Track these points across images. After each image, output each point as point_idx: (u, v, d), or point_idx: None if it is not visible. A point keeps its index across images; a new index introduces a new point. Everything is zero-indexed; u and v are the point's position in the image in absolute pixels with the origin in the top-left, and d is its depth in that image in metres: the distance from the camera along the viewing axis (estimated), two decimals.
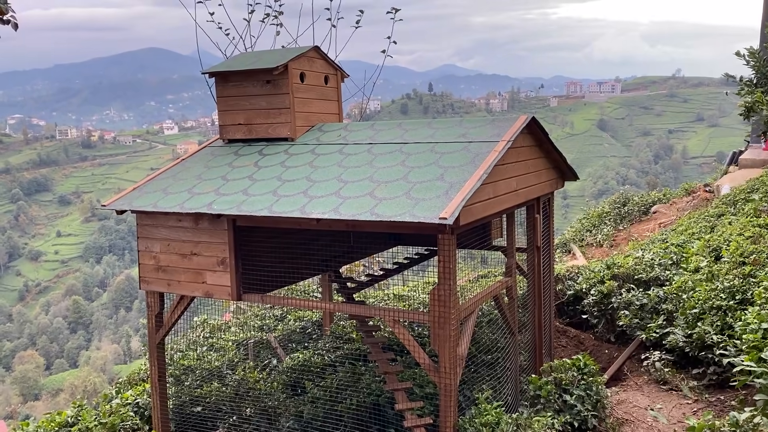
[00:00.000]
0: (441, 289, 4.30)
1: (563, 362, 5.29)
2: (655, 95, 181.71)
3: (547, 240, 6.33)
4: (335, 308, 5.22)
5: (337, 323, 7.59)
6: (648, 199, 16.02)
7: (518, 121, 5.06)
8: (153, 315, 5.60)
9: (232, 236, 4.98)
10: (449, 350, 4.32)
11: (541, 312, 6.20)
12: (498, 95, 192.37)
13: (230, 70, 5.74)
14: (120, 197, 5.42)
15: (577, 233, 15.11)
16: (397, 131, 5.43)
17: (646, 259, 7.59)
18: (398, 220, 4.08)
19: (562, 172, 6.27)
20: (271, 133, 5.71)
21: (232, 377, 6.46)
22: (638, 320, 6.59)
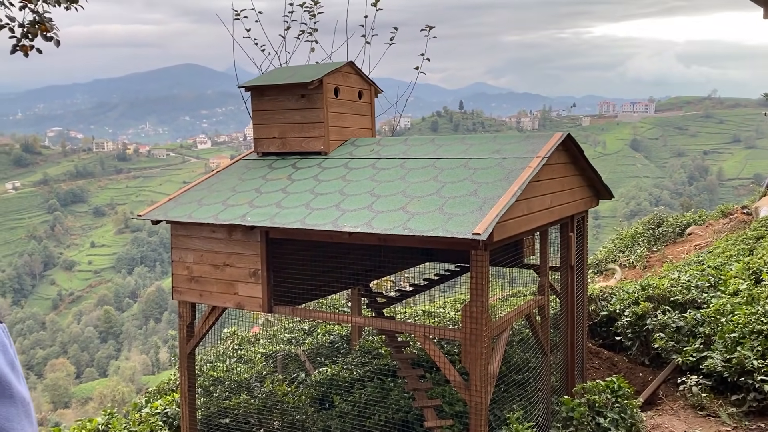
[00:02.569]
0: (473, 305, 4.25)
1: (597, 384, 5.17)
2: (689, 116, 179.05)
3: (581, 259, 6.23)
4: (365, 322, 5.20)
5: (366, 338, 7.56)
6: (683, 220, 15.73)
7: (553, 137, 5.01)
8: (184, 325, 5.64)
9: (265, 248, 5.00)
10: (480, 368, 4.26)
11: (573, 332, 6.09)
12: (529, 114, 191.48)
13: (266, 84, 5.81)
14: (155, 208, 5.50)
15: (609, 254, 14.88)
16: (431, 147, 5.42)
17: (682, 281, 7.42)
18: (431, 234, 4.06)
19: (597, 190, 6.18)
20: (305, 146, 5.75)
21: (260, 389, 6.47)
22: (674, 343, 6.43)
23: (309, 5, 9.28)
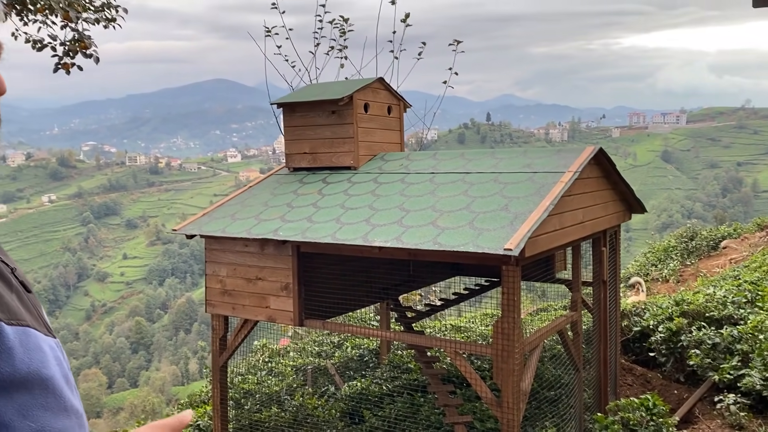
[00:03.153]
0: (504, 321, 4.23)
1: (631, 401, 5.09)
2: (722, 126, 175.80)
3: (614, 274, 6.15)
4: (396, 337, 5.20)
5: (395, 352, 7.55)
6: (717, 233, 15.43)
7: (585, 151, 4.98)
8: (217, 338, 5.71)
9: (296, 262, 5.05)
10: (513, 385, 4.23)
11: (606, 348, 6.01)
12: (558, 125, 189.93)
13: (297, 101, 5.89)
14: (190, 222, 5.60)
15: (641, 267, 14.65)
16: (460, 161, 5.43)
17: (717, 296, 7.27)
18: (461, 250, 4.06)
19: (630, 204, 6.11)
20: (335, 161, 5.80)
21: (290, 403, 6.50)
22: (710, 360, 6.30)
23: (338, 22, 9.40)
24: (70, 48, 7.33)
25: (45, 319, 1.31)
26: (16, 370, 1.13)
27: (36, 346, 1.20)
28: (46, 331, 1.26)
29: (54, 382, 1.22)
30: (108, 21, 7.72)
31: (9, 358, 1.13)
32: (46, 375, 1.20)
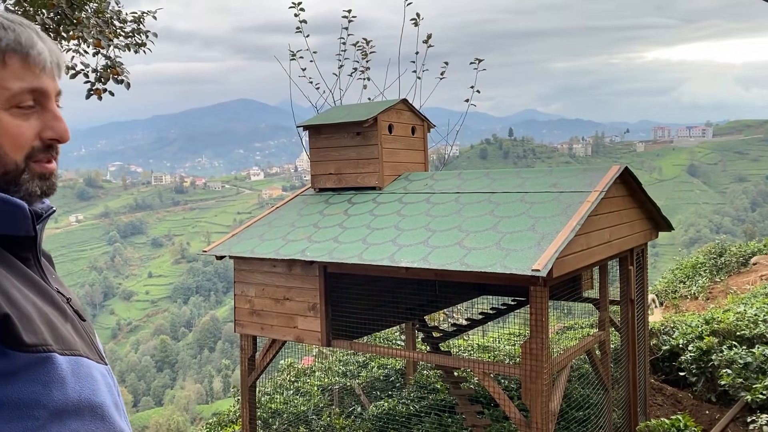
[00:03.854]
0: (533, 342, 4.23)
1: (662, 422, 5.03)
2: (750, 139, 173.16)
3: (641, 293, 6.10)
4: (424, 358, 5.21)
5: (421, 372, 7.54)
6: (747, 249, 15.18)
7: (611, 170, 4.98)
8: (246, 358, 5.77)
9: (323, 282, 5.11)
10: (541, 405, 4.21)
11: (635, 368, 5.94)
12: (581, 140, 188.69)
13: (322, 123, 5.98)
14: (220, 243, 5.69)
15: (669, 284, 14.46)
16: (485, 180, 5.45)
17: (749, 315, 7.16)
18: (489, 271, 4.07)
19: (656, 222, 6.08)
20: (360, 182, 5.87)
21: (318, 423, 6.52)
22: (742, 380, 6.19)
23: (361, 45, 9.53)
24: (102, 74, 7.53)
25: (98, 347, 1.37)
26: (68, 398, 1.19)
27: (87, 374, 1.26)
28: (98, 359, 1.32)
29: (104, 409, 1.28)
30: (138, 46, 7.93)
31: (62, 387, 1.19)
32: (97, 402, 1.26)
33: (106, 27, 7.54)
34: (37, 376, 1.15)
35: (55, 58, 1.25)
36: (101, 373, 1.31)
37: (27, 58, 1.20)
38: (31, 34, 1.21)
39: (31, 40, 1.20)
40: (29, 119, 1.22)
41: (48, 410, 1.16)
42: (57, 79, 1.27)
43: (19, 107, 1.20)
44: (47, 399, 1.16)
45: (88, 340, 1.33)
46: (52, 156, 1.27)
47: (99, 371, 1.30)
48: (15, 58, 1.19)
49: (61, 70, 1.28)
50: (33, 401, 1.15)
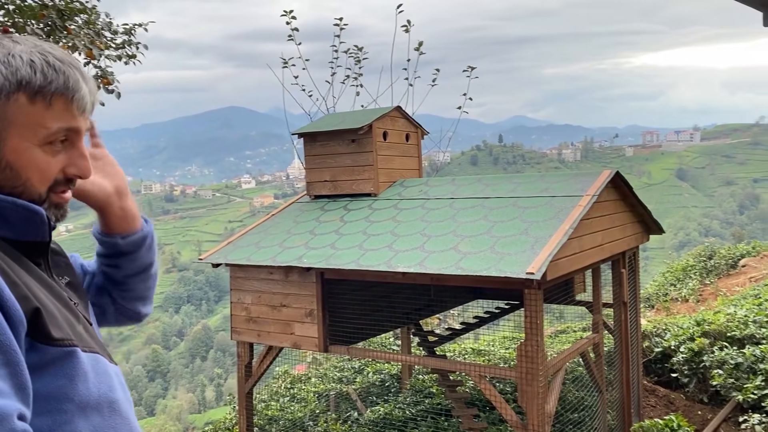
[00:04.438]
0: (528, 344, 4.29)
1: (655, 422, 5.10)
2: (737, 143, 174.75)
3: (633, 295, 6.19)
4: (421, 361, 5.26)
5: (416, 377, 7.59)
6: (736, 252, 15.35)
7: (602, 175, 5.07)
8: (243, 365, 5.80)
9: (320, 289, 5.15)
10: (537, 407, 4.28)
11: (629, 369, 6.02)
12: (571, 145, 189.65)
13: (317, 131, 6.04)
14: (216, 251, 5.73)
15: (660, 287, 14.59)
16: (478, 186, 5.53)
17: (739, 316, 7.26)
18: (484, 274, 4.14)
19: (647, 225, 6.17)
20: (355, 189, 5.93)
21: (314, 429, 6.55)
22: (733, 380, 6.28)
23: (353, 52, 9.62)
24: None
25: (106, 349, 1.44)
26: (90, 392, 1.26)
27: (104, 371, 1.33)
28: (109, 359, 1.39)
29: (120, 405, 1.35)
30: (129, 57, 7.98)
31: (85, 381, 1.25)
32: (114, 398, 1.32)
33: (97, 38, 7.58)
34: (64, 371, 1.21)
35: (93, 99, 1.33)
36: (115, 372, 1.37)
37: (72, 101, 1.26)
38: (77, 76, 1.27)
39: (78, 83, 1.27)
40: (58, 155, 1.29)
41: (75, 404, 1.22)
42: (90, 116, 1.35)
43: (51, 144, 1.27)
44: (73, 393, 1.22)
45: (99, 342, 1.39)
46: (70, 188, 1.35)
47: (113, 370, 1.37)
48: (60, 100, 1.25)
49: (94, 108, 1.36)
50: (62, 395, 1.20)
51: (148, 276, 1.70)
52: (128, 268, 1.64)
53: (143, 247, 1.64)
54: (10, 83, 1.21)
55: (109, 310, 1.69)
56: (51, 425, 1.18)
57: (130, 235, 1.60)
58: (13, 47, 1.24)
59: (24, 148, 1.24)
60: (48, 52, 1.26)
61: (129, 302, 1.70)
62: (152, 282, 1.73)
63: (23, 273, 1.22)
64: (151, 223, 1.68)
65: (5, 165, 1.24)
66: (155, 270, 1.72)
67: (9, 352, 1.08)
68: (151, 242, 1.67)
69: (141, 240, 1.62)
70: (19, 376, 1.10)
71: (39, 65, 1.23)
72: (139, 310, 1.73)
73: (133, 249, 1.62)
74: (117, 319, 1.73)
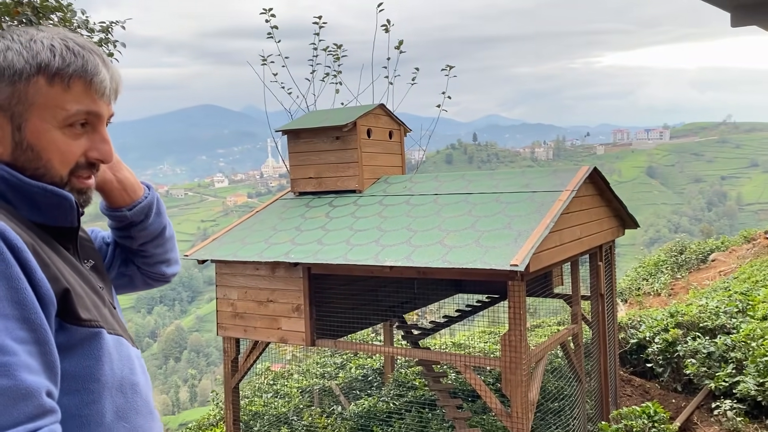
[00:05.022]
0: (512, 334, 4.43)
1: (633, 409, 5.28)
2: (705, 141, 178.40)
3: (610, 288, 6.38)
4: (407, 353, 5.37)
5: (399, 371, 7.70)
6: (705, 247, 15.77)
7: (581, 171, 5.23)
8: (229, 360, 5.85)
9: (308, 284, 5.23)
10: (521, 395, 4.41)
11: (606, 360, 6.21)
12: (543, 144, 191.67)
13: (301, 128, 6.11)
14: (201, 248, 5.76)
15: (632, 282, 14.92)
16: (461, 182, 5.66)
17: (710, 307, 7.51)
18: (470, 267, 4.26)
19: (623, 220, 6.36)
20: (340, 185, 6.01)
21: (299, 423, 6.62)
22: (706, 369, 6.51)
23: (332, 50, 9.68)
24: None
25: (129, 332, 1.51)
26: (115, 373, 1.33)
27: (127, 354, 1.39)
28: (132, 342, 1.46)
29: (141, 387, 1.42)
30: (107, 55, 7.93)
31: (110, 362, 1.32)
32: (135, 380, 1.39)
33: None
34: (91, 351, 1.26)
35: (115, 85, 1.37)
36: (136, 355, 1.44)
37: (90, 84, 1.31)
38: (97, 61, 1.32)
39: (97, 68, 1.31)
40: (79, 138, 1.33)
41: (100, 384, 1.28)
42: (113, 103, 1.40)
43: (72, 126, 1.31)
44: (100, 373, 1.27)
45: (123, 326, 1.45)
46: (93, 173, 1.39)
47: (135, 353, 1.43)
48: (79, 83, 1.30)
49: (118, 95, 1.41)
50: (89, 375, 1.26)
51: (164, 240, 1.72)
52: (142, 237, 1.67)
53: (151, 213, 1.65)
54: (30, 66, 1.26)
55: (136, 276, 1.74)
56: (78, 404, 1.23)
57: (135, 205, 1.62)
58: (36, 34, 1.30)
59: (44, 130, 1.28)
60: (69, 38, 1.32)
61: (152, 267, 1.73)
62: (170, 245, 1.75)
63: (54, 255, 1.28)
64: (153, 189, 1.69)
65: (27, 146, 1.28)
66: (170, 233, 1.74)
67: (39, 330, 1.13)
68: (158, 207, 1.68)
69: (147, 207, 1.64)
70: (49, 355, 1.15)
71: (59, 49, 1.28)
72: (164, 272, 1.76)
73: (142, 218, 1.64)
74: (146, 282, 1.77)
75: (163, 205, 1.71)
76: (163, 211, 1.71)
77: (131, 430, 1.35)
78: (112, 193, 1.61)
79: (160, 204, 1.70)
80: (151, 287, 1.80)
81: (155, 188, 1.75)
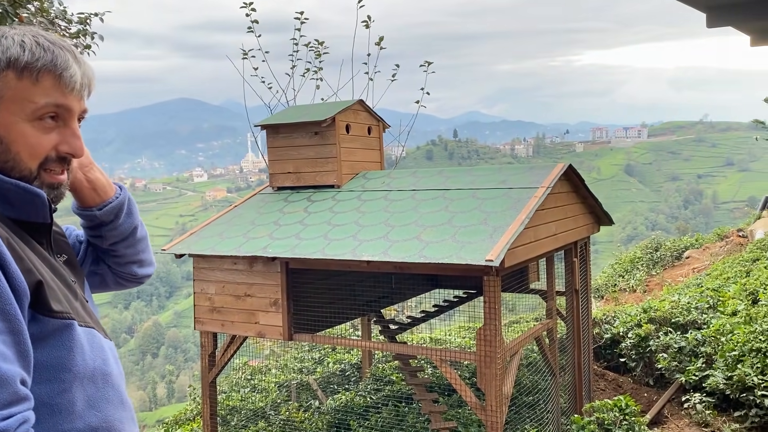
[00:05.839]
0: (487, 328, 4.49)
1: (605, 402, 5.38)
2: (682, 140, 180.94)
3: (585, 283, 6.48)
4: (384, 347, 5.41)
5: (377, 365, 7.74)
6: (680, 244, 16.03)
7: (556, 168, 5.30)
8: (206, 355, 5.84)
9: (285, 278, 5.24)
10: (495, 388, 4.48)
11: (580, 355, 6.31)
12: (523, 141, 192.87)
13: (280, 123, 6.11)
14: (178, 242, 5.74)
15: (609, 278, 15.13)
16: (439, 178, 5.71)
17: (682, 303, 7.66)
18: (446, 262, 4.31)
19: (598, 217, 6.46)
20: (318, 180, 6.03)
21: (277, 417, 6.63)
22: (677, 363, 6.65)
23: (314, 46, 9.68)
24: None
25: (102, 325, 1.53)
26: (87, 364, 1.35)
27: (99, 345, 1.42)
28: (104, 334, 1.48)
29: (113, 378, 1.44)
30: (84, 47, 7.86)
31: (82, 353, 1.35)
32: (107, 371, 1.42)
33: (50, 26, 7.44)
34: (63, 342, 1.29)
35: (87, 81, 1.38)
36: (109, 347, 1.46)
37: (60, 78, 1.32)
38: (67, 57, 1.33)
39: (67, 63, 1.33)
40: (50, 133, 1.34)
41: (72, 374, 1.31)
42: (85, 99, 1.40)
43: (41, 120, 1.32)
44: (71, 364, 1.30)
45: (95, 318, 1.48)
46: (65, 168, 1.40)
47: (107, 344, 1.46)
48: (48, 77, 1.31)
49: (91, 91, 1.42)
50: (60, 365, 1.29)
51: (135, 241, 1.73)
52: (111, 237, 1.68)
53: (121, 214, 1.67)
54: (0, 61, 1.28)
55: (108, 276, 1.76)
56: (49, 393, 1.26)
57: (105, 205, 1.64)
58: (8, 31, 1.32)
59: (12, 122, 1.30)
60: (41, 35, 1.34)
61: (123, 267, 1.74)
62: (141, 246, 1.76)
63: (27, 249, 1.31)
64: (126, 189, 1.71)
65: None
66: (141, 234, 1.75)
67: (14, 320, 1.16)
68: (129, 208, 1.69)
69: (118, 207, 1.66)
70: (23, 344, 1.18)
71: (29, 45, 1.30)
72: (135, 272, 1.77)
73: (112, 218, 1.65)
74: (117, 282, 1.78)
75: (135, 206, 1.73)
76: (134, 212, 1.72)
77: (102, 419, 1.38)
78: (82, 193, 1.63)
79: (132, 205, 1.71)
80: (125, 287, 1.82)
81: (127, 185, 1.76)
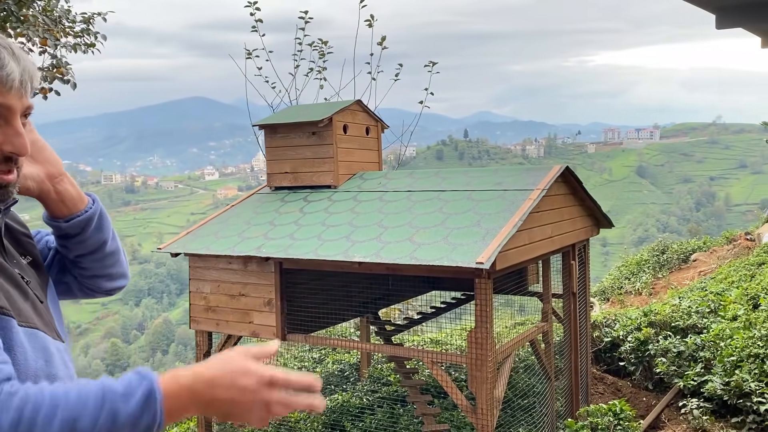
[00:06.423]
0: (478, 332, 4.47)
1: (599, 407, 5.34)
2: (695, 142, 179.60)
3: (583, 287, 6.43)
4: (376, 349, 5.41)
5: (375, 366, 7.73)
6: (687, 247, 15.89)
7: (552, 170, 5.27)
8: (201, 354, 5.86)
9: (279, 278, 5.25)
10: (486, 392, 4.46)
11: (577, 358, 6.27)
12: (534, 141, 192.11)
13: (278, 123, 6.12)
14: (174, 241, 5.76)
15: (615, 281, 15.03)
16: (435, 179, 5.69)
17: (683, 307, 7.60)
18: (436, 264, 4.30)
19: (597, 219, 6.41)
20: (315, 180, 6.02)
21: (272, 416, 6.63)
22: (676, 368, 6.59)
23: (318, 45, 9.67)
24: (47, 74, 7.48)
25: (56, 325, 1.52)
26: (29, 364, 1.34)
27: (43, 346, 1.41)
28: (55, 336, 1.47)
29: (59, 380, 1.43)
30: (87, 46, 7.91)
31: (23, 352, 1.34)
32: (52, 372, 1.41)
33: (54, 26, 7.48)
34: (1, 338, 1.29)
35: (27, 77, 1.35)
36: (57, 349, 1.45)
37: None
38: (3, 54, 1.31)
39: (2, 61, 1.30)
40: None
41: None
42: (27, 96, 1.37)
43: None
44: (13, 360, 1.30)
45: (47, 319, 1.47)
46: (11, 168, 1.38)
47: (55, 346, 1.44)
48: None
49: (33, 88, 1.40)
50: None
51: (103, 255, 1.69)
52: (77, 249, 1.65)
53: (89, 228, 1.63)
54: None
55: (73, 285, 1.74)
56: None
57: (72, 218, 1.60)
58: None
59: None
60: None
61: (88, 279, 1.72)
62: (110, 261, 1.72)
63: None
64: (98, 202, 1.67)
65: None
66: (111, 249, 1.71)
67: None
68: (100, 222, 1.65)
69: (86, 221, 1.62)
70: None
71: None
72: (101, 285, 1.74)
73: (79, 231, 1.62)
74: (83, 292, 1.76)
75: (107, 220, 1.69)
76: (105, 226, 1.68)
77: None
78: (50, 204, 1.60)
79: (103, 219, 1.67)
80: (90, 297, 1.79)
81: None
